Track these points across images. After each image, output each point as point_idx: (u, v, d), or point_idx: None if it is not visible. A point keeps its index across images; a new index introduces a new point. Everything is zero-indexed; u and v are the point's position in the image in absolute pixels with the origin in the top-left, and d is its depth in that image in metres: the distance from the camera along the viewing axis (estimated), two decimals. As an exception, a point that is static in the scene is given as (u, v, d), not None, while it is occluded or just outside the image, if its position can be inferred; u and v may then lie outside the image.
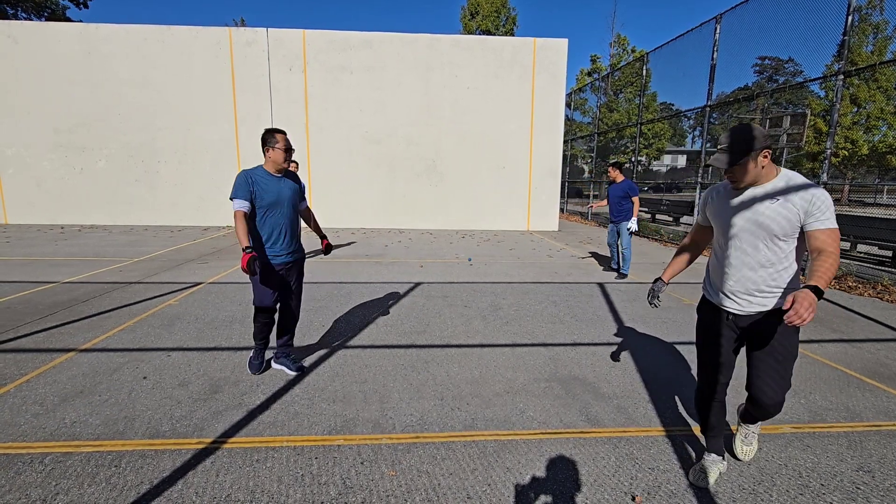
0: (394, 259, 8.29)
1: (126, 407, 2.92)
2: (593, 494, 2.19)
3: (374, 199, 13.34)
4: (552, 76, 13.08)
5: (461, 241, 10.96)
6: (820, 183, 7.10)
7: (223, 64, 12.53)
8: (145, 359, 3.67)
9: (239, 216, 2.97)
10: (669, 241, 10.94)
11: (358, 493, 2.17)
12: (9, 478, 2.23)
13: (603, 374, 3.55)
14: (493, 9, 28.44)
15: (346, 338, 4.25)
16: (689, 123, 41.83)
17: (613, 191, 7.02)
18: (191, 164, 12.84)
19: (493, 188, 13.42)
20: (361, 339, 4.24)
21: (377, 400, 3.08)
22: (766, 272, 2.04)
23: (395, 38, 12.74)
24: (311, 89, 12.74)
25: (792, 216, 1.94)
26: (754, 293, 2.08)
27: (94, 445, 2.51)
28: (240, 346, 4.00)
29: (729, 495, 2.19)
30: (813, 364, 3.82)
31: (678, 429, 2.78)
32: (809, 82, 8.97)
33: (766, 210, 1.99)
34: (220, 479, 2.25)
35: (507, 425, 2.79)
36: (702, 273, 7.52)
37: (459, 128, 13.15)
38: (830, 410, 3.03)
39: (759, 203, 2.01)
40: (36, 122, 12.46)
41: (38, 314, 4.75)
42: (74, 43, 12.25)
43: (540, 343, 4.20)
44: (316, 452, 2.48)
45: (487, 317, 4.95)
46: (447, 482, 2.26)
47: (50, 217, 12.86)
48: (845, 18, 6.79)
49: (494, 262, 8.12)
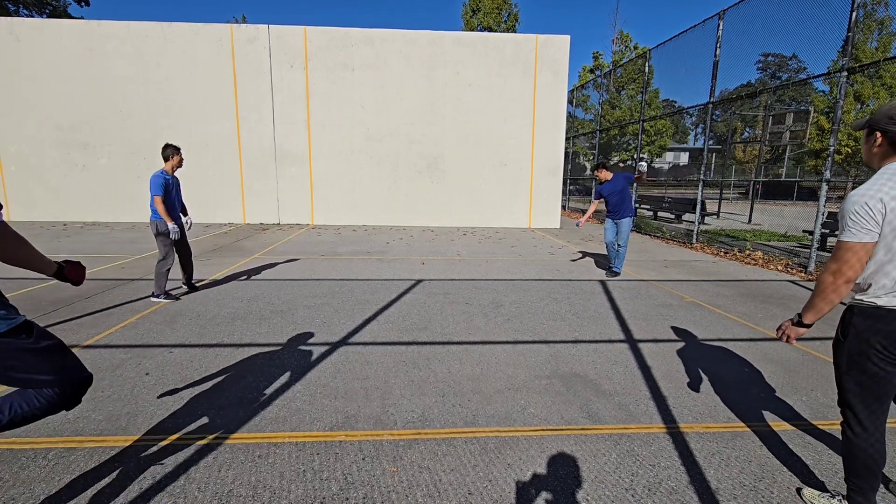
0: (395, 256, 8.30)
1: (128, 403, 2.93)
2: (594, 491, 2.20)
3: (376, 197, 13.33)
4: (554, 73, 13.04)
5: (463, 238, 10.95)
6: (822, 180, 7.08)
7: (225, 61, 12.53)
8: (147, 355, 3.69)
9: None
10: (671, 239, 10.91)
11: (359, 489, 2.18)
12: (13, 472, 2.24)
13: (604, 370, 3.55)
14: (495, 5, 28.33)
15: (348, 335, 4.26)
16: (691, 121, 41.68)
17: (610, 188, 6.86)
18: (193, 162, 12.82)
19: (494, 186, 13.40)
20: (363, 335, 4.25)
21: (379, 396, 3.09)
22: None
23: (397, 35, 12.71)
24: (313, 86, 12.73)
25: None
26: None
27: (97, 441, 2.52)
28: (241, 342, 4.01)
29: (730, 492, 2.20)
30: (815, 361, 3.82)
31: (679, 426, 2.78)
32: (813, 79, 8.92)
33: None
34: (222, 475, 2.26)
35: (508, 422, 2.80)
36: (702, 271, 7.45)
37: (461, 125, 13.13)
38: (831, 408, 3.03)
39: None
40: (38, 119, 12.48)
41: (41, 310, 4.77)
42: (76, 40, 12.25)
43: (541, 340, 4.21)
44: (317, 448, 2.49)
45: (489, 314, 4.96)
46: (448, 478, 2.27)
47: (52, 214, 12.89)
48: (850, 14, 6.75)
49: (496, 260, 8.12)
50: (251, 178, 12.97)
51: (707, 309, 5.30)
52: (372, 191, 13.29)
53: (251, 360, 3.62)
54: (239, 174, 12.99)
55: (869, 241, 1.76)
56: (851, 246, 1.78)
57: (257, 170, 12.93)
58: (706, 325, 4.70)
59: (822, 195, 7.18)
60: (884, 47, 22.50)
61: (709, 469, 2.37)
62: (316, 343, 4.03)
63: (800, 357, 3.91)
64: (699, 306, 5.40)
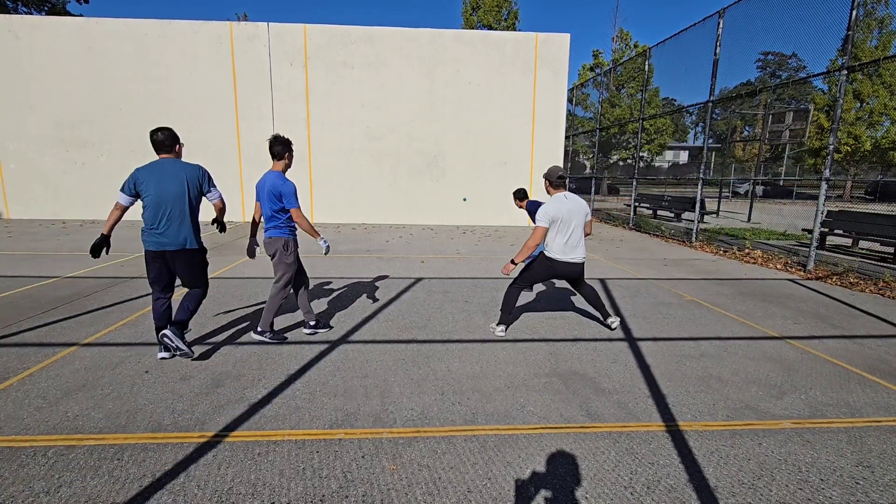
0: (395, 255, 8.30)
1: (128, 401, 2.93)
2: (593, 489, 2.20)
3: (376, 195, 13.32)
4: (554, 72, 13.02)
5: (462, 237, 10.95)
6: (822, 179, 7.08)
7: (224, 59, 12.50)
8: (147, 353, 3.69)
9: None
10: (671, 238, 10.92)
11: (359, 487, 2.18)
12: (12, 470, 2.24)
13: (603, 369, 3.56)
14: (495, 3, 28.27)
15: (348, 333, 4.26)
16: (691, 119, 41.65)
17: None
18: (192, 160, 12.76)
19: (494, 184, 13.39)
20: (362, 334, 4.25)
21: (378, 394, 3.09)
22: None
23: (397, 32, 12.69)
24: (313, 85, 12.70)
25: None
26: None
27: (97, 438, 2.52)
28: (241, 340, 4.01)
29: (728, 490, 2.20)
30: (814, 360, 3.82)
31: (678, 424, 2.79)
32: (813, 77, 8.91)
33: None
34: (221, 472, 2.26)
35: (507, 420, 2.80)
36: (701, 269, 7.46)
37: (461, 124, 13.11)
38: (830, 406, 3.03)
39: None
40: (37, 118, 12.46)
41: (41, 309, 4.77)
42: (75, 38, 12.23)
43: (540, 338, 4.21)
44: (317, 446, 2.50)
45: (488, 312, 4.96)
46: (448, 476, 2.27)
47: (52, 212, 12.88)
48: (850, 13, 6.74)
49: (495, 258, 8.12)
50: (250, 176, 12.95)
51: (706, 307, 5.30)
52: (372, 189, 13.28)
53: (251, 358, 3.63)
54: (238, 172, 12.97)
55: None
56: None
57: (256, 168, 12.90)
58: (705, 324, 4.71)
59: (821, 194, 7.18)
60: (883, 45, 22.49)
61: (707, 467, 2.37)
62: (315, 341, 4.03)
63: (799, 356, 3.91)
64: (698, 305, 5.41)
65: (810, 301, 5.65)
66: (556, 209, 3.90)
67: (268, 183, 3.78)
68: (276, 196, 3.75)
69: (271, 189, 3.75)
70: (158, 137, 3.47)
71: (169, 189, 3.38)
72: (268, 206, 3.80)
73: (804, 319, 4.91)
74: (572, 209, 3.95)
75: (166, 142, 3.49)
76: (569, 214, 3.92)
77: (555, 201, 3.94)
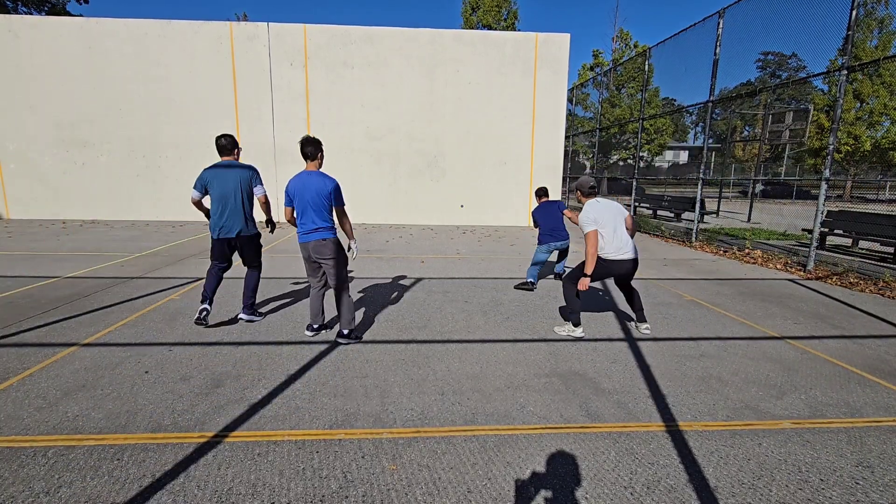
0: (395, 255, 8.30)
1: (128, 401, 2.93)
2: (593, 489, 2.20)
3: (376, 195, 13.32)
4: (554, 71, 13.02)
5: (462, 237, 10.95)
6: (822, 179, 7.08)
7: (224, 59, 12.50)
8: (147, 353, 3.69)
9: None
10: (671, 237, 10.92)
11: (359, 487, 2.18)
12: (12, 470, 2.24)
13: (603, 369, 3.56)
14: (495, 3, 28.27)
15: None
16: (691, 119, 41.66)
17: (557, 209, 6.07)
18: (192, 160, 12.82)
19: (494, 184, 13.39)
20: (362, 334, 4.25)
21: (378, 395, 3.09)
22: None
23: (397, 32, 12.68)
24: (313, 85, 12.70)
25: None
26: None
27: (97, 439, 2.52)
28: (241, 340, 4.01)
29: (728, 490, 2.20)
30: (814, 360, 3.82)
31: (678, 424, 2.79)
32: (812, 77, 8.90)
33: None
34: (221, 473, 2.26)
35: (507, 420, 2.80)
36: (701, 269, 7.45)
37: (461, 124, 13.11)
38: (830, 406, 3.03)
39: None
40: (37, 117, 12.45)
41: (41, 309, 4.77)
42: (75, 38, 12.22)
43: (540, 338, 4.21)
44: (317, 446, 2.50)
45: (488, 312, 4.96)
46: (447, 476, 2.27)
47: (52, 212, 12.87)
48: (850, 13, 6.74)
49: (495, 258, 8.12)
50: (250, 176, 12.93)
51: (706, 307, 5.30)
52: (372, 189, 13.28)
53: (251, 358, 3.63)
54: (238, 172, 12.95)
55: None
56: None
57: (256, 167, 12.90)
58: (705, 324, 4.71)
59: (821, 194, 7.18)
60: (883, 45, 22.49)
61: (707, 467, 2.37)
62: (315, 341, 4.03)
63: (799, 356, 3.91)
64: (698, 305, 5.41)
65: (810, 301, 5.65)
66: (595, 210, 4.09)
67: (313, 183, 3.66)
68: (325, 195, 3.67)
69: (319, 189, 3.64)
70: (222, 142, 4.23)
71: (229, 186, 4.14)
72: (313, 207, 3.67)
73: (804, 319, 4.91)
74: (609, 209, 4.16)
75: (228, 146, 4.26)
76: (607, 214, 4.11)
77: (590, 206, 4.17)
